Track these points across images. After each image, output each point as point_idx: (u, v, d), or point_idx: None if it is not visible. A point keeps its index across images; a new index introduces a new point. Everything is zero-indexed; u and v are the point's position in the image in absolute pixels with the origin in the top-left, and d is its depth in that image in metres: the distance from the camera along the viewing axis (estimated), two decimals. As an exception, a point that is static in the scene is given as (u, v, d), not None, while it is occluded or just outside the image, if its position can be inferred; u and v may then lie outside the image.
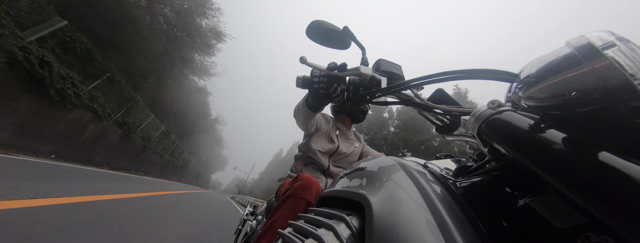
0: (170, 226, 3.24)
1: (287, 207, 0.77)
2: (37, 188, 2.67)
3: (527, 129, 0.27)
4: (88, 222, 2.24)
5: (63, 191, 2.96)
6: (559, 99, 0.25)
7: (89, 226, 2.16)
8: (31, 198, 2.28)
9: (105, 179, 5.49)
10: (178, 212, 4.66)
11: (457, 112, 0.46)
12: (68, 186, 3.33)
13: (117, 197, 3.87)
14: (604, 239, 0.22)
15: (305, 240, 0.39)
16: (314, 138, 1.28)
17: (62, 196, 2.72)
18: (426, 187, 0.35)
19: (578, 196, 0.21)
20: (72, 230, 1.93)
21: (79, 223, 2.12)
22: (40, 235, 1.66)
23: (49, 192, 2.71)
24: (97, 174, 5.91)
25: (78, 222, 2.14)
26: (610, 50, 0.22)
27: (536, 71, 0.27)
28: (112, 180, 5.69)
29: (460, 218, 0.29)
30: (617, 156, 0.20)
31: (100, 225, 2.30)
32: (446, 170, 0.46)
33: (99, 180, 4.86)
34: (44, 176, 3.47)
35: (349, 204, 0.43)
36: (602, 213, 0.20)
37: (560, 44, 0.26)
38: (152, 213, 3.61)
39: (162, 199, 5.56)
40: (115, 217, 2.72)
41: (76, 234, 1.89)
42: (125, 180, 6.82)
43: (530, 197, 0.28)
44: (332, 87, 0.64)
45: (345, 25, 0.70)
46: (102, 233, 2.10)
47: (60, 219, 2.06)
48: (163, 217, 3.66)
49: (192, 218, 4.49)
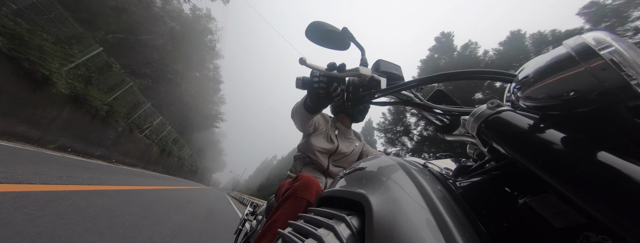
0: (195, 204, 6.01)
1: (287, 206, 0.78)
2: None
3: (526, 129, 0.28)
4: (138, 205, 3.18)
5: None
6: (557, 99, 0.25)
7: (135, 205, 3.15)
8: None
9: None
10: (199, 196, 8.93)
11: (457, 112, 0.46)
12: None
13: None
14: (603, 238, 0.22)
15: (305, 240, 0.39)
16: (313, 138, 1.28)
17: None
18: (426, 186, 0.35)
19: (577, 195, 0.21)
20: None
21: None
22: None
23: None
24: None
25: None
26: (607, 51, 0.22)
27: (534, 71, 0.27)
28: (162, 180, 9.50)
29: (460, 218, 0.29)
30: (615, 156, 0.21)
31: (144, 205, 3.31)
32: (446, 170, 0.46)
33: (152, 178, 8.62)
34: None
35: (349, 204, 0.43)
36: (601, 213, 0.20)
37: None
38: (182, 198, 6.22)
39: (183, 191, 8.76)
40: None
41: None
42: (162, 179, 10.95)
43: (530, 196, 0.28)
44: (332, 87, 0.64)
45: (344, 26, 0.70)
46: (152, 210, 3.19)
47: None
48: (189, 199, 6.50)
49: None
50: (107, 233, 1.82)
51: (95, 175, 4.14)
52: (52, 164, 3.69)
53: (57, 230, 1.54)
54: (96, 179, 3.76)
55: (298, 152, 1.34)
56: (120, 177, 5.38)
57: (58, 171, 3.30)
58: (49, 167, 3.32)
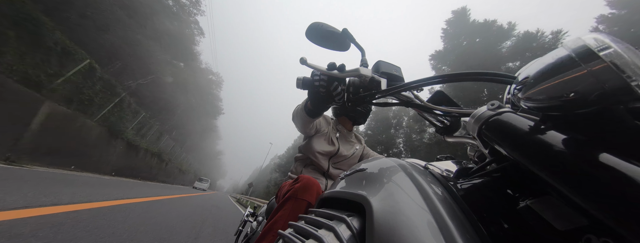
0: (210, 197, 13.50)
1: (288, 208, 0.77)
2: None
3: (527, 130, 0.27)
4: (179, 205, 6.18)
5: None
6: (557, 100, 0.25)
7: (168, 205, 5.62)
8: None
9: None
10: (211, 196, 16.28)
11: (457, 114, 0.46)
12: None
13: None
14: (605, 241, 0.22)
15: (305, 241, 0.39)
16: (314, 140, 1.27)
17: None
18: (427, 188, 0.35)
19: (579, 197, 0.21)
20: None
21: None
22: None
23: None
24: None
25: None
26: (607, 52, 0.22)
27: (534, 73, 0.27)
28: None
29: (461, 220, 0.29)
30: (617, 157, 0.21)
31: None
32: (447, 171, 0.46)
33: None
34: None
35: (349, 205, 0.43)
36: (603, 215, 0.20)
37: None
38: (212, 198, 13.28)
39: (207, 195, 16.13)
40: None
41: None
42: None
43: (531, 198, 0.28)
44: (332, 86, 0.63)
45: (344, 27, 0.71)
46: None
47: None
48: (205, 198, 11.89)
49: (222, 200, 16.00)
50: (180, 226, 3.24)
51: (144, 191, 6.70)
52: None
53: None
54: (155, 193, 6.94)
55: (299, 153, 1.34)
56: (177, 191, 10.22)
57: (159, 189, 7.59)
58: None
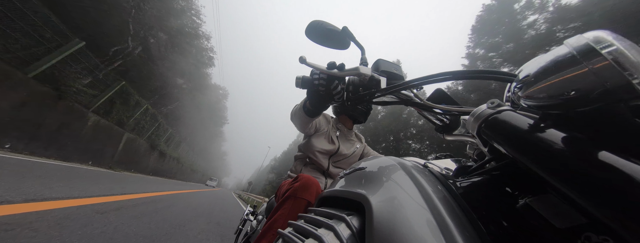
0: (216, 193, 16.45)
1: (287, 207, 0.77)
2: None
3: (526, 129, 0.27)
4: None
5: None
6: (558, 99, 0.25)
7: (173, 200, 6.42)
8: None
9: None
10: (218, 192, 19.55)
11: (457, 112, 0.46)
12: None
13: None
14: (604, 239, 0.22)
15: (305, 240, 0.39)
16: (314, 139, 1.27)
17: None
18: (426, 186, 0.35)
19: (578, 195, 0.21)
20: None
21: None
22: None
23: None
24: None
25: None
26: (609, 50, 0.22)
27: (535, 71, 0.27)
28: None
29: (461, 218, 0.29)
30: (616, 155, 0.20)
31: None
32: (446, 170, 0.46)
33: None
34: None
35: (349, 204, 0.42)
36: (602, 213, 0.20)
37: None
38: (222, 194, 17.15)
39: (216, 191, 21.05)
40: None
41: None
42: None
43: (531, 196, 0.28)
44: (332, 84, 0.63)
45: (344, 26, 0.70)
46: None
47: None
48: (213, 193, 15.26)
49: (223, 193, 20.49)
50: (193, 215, 4.06)
51: (174, 187, 8.49)
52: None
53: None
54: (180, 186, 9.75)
55: (299, 152, 1.34)
56: (195, 187, 13.43)
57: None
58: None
